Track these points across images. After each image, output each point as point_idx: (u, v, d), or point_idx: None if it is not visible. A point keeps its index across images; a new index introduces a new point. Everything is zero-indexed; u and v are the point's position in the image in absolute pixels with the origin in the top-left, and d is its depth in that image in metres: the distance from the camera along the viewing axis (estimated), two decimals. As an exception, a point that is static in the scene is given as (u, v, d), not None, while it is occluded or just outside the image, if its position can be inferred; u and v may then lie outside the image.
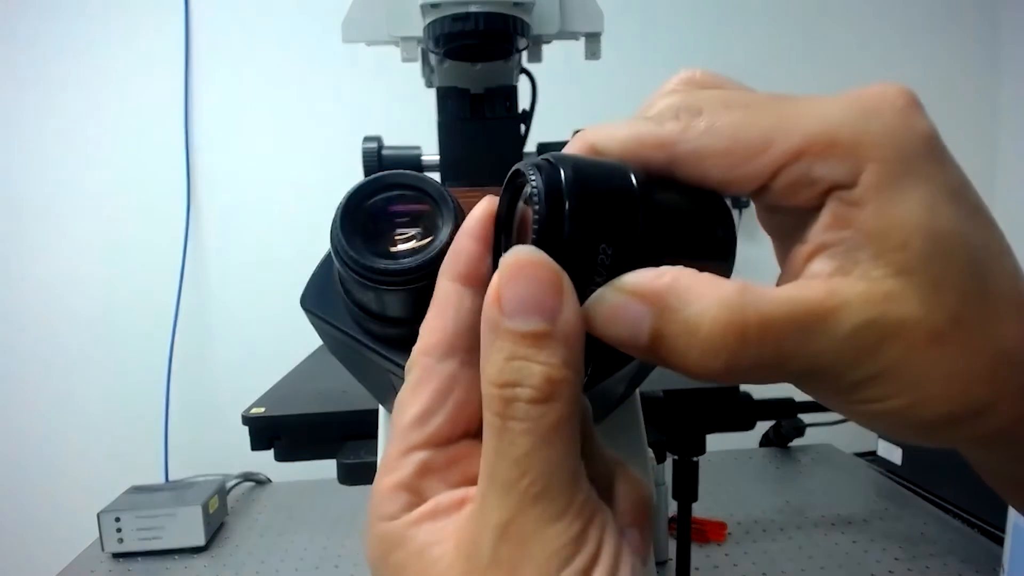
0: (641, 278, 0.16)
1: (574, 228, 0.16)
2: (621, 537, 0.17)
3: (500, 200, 0.18)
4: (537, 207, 0.16)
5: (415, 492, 0.17)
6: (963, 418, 0.17)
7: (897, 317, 0.16)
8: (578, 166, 0.17)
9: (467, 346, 0.18)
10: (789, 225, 0.18)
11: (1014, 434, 0.17)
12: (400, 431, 0.18)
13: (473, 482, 0.17)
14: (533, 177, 0.17)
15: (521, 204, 0.18)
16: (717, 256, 0.18)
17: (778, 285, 0.18)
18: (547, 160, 0.17)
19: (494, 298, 0.16)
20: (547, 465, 0.15)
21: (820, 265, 0.17)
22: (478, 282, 0.18)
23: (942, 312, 0.16)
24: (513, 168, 0.18)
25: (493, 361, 0.16)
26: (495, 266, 0.18)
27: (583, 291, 0.16)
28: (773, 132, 0.16)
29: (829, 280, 0.16)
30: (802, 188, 0.17)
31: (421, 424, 0.17)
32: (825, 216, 0.16)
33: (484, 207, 0.18)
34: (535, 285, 0.15)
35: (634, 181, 0.17)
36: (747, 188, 0.17)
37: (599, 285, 0.17)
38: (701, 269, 0.17)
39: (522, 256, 0.16)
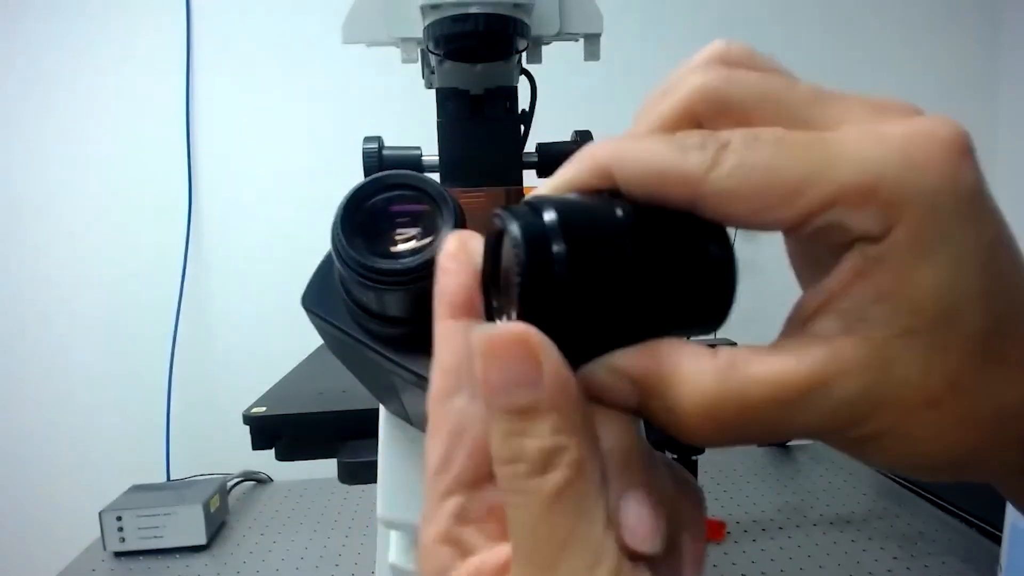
0: (625, 361, 0.16)
1: (561, 299, 0.16)
2: None
3: (485, 242, 0.18)
4: (519, 273, 0.16)
5: (457, 544, 0.17)
6: (956, 468, 0.17)
7: (894, 384, 0.15)
8: (568, 228, 0.16)
9: (472, 378, 0.17)
10: (808, 253, 0.18)
11: (1014, 474, 0.18)
12: (430, 481, 0.17)
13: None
14: (513, 231, 0.16)
15: (504, 261, 0.17)
16: (712, 309, 0.17)
17: (785, 328, 0.17)
18: (530, 214, 0.16)
19: (481, 382, 0.16)
20: (555, 538, 0.15)
21: (827, 323, 0.16)
22: (466, 312, 0.18)
23: (941, 377, 0.15)
24: (494, 213, 0.17)
25: (494, 441, 0.16)
26: (487, 293, 0.18)
27: (576, 339, 0.16)
28: (807, 177, 0.15)
29: (832, 343, 0.16)
30: (832, 233, 0.16)
31: (445, 468, 0.17)
32: (845, 266, 0.16)
33: (451, 242, 0.18)
34: (511, 362, 0.15)
35: (627, 236, 0.16)
36: (773, 229, 0.17)
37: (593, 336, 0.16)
38: (693, 324, 0.17)
39: (493, 336, 0.15)
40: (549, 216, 0.16)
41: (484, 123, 0.41)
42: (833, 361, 0.15)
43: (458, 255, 0.18)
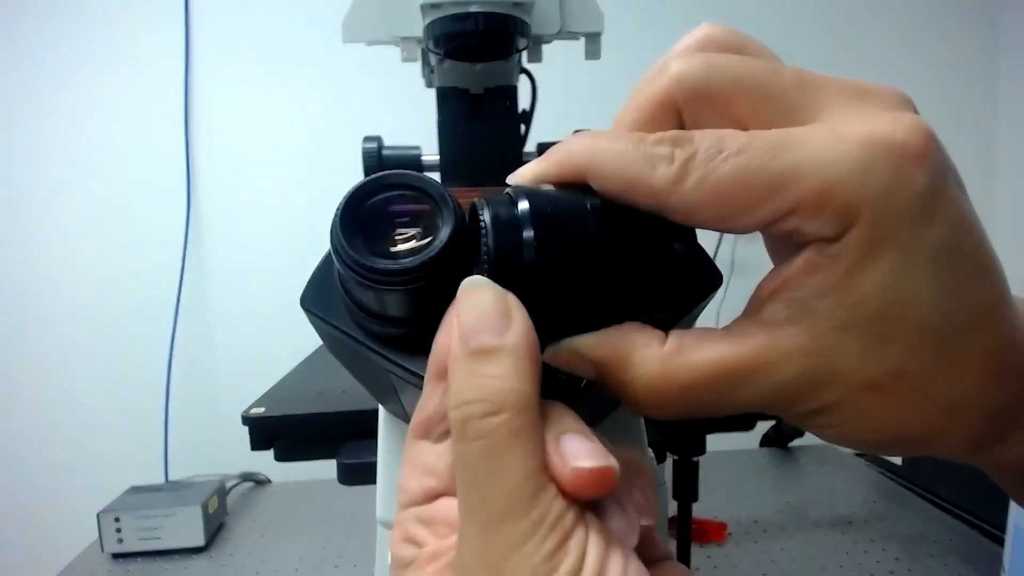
0: (585, 344, 0.18)
1: (525, 272, 0.17)
2: (613, 545, 0.16)
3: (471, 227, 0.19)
4: (486, 257, 0.18)
5: (414, 541, 0.18)
6: (904, 445, 0.18)
7: (830, 368, 0.17)
8: (539, 217, 0.18)
9: (430, 428, 0.19)
10: (775, 239, 0.19)
11: (974, 456, 0.19)
12: (397, 497, 0.20)
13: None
14: (485, 218, 0.18)
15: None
16: (669, 305, 0.19)
17: (746, 307, 0.18)
18: (504, 203, 0.18)
19: (455, 332, 0.17)
20: (506, 481, 0.15)
21: (774, 310, 0.17)
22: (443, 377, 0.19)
23: (880, 366, 0.17)
24: (473, 202, 0.19)
25: (454, 385, 0.17)
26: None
27: (542, 318, 0.18)
28: (768, 189, 0.16)
29: (774, 332, 0.17)
30: (790, 237, 0.17)
31: (405, 488, 0.19)
32: (800, 260, 0.17)
33: (458, 299, 0.19)
34: (481, 307, 0.17)
35: (594, 228, 0.18)
36: (737, 233, 0.18)
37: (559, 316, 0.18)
38: (655, 310, 0.18)
39: (467, 284, 0.18)
40: (523, 205, 0.17)
41: (484, 122, 0.41)
42: (772, 348, 0.17)
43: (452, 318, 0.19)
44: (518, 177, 0.20)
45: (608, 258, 0.18)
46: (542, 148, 0.44)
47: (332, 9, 0.44)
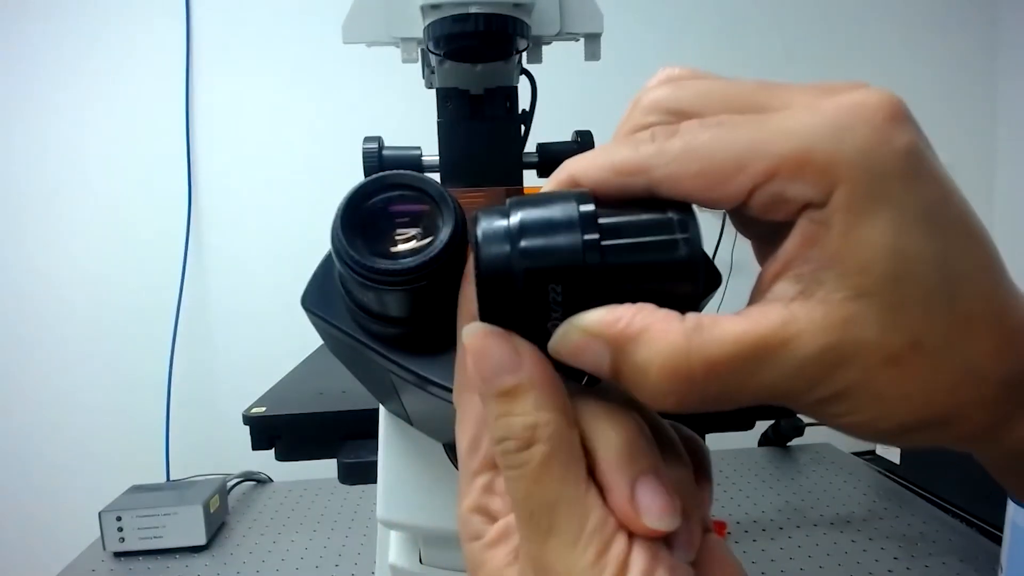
0: (595, 320, 0.17)
1: (516, 279, 0.17)
2: (656, 550, 0.17)
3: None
4: (477, 270, 0.18)
5: (486, 512, 0.19)
6: (924, 429, 0.17)
7: (853, 342, 0.16)
8: (523, 211, 0.18)
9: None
10: (765, 234, 0.19)
11: (987, 438, 0.18)
12: (462, 462, 0.20)
13: None
14: (475, 234, 0.18)
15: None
16: (680, 278, 0.18)
17: (750, 300, 0.18)
18: (492, 210, 0.18)
19: (474, 374, 0.18)
20: (545, 502, 0.17)
21: (784, 288, 0.17)
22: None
23: (901, 335, 0.16)
24: (474, 214, 0.19)
25: (490, 424, 0.18)
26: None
27: (541, 328, 0.18)
28: (747, 152, 0.17)
29: (789, 305, 0.16)
30: (777, 206, 0.17)
31: (474, 450, 0.20)
32: (796, 234, 0.17)
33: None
34: (489, 353, 0.18)
35: (578, 213, 0.17)
36: (727, 206, 0.18)
37: (557, 320, 0.18)
38: (665, 295, 0.17)
39: (468, 334, 0.18)
40: (514, 218, 0.18)
41: (484, 123, 0.41)
42: (792, 322, 0.16)
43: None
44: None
45: (604, 262, 0.17)
46: (542, 148, 0.44)
47: (332, 9, 0.44)
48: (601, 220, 0.18)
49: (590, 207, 0.18)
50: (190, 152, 1.09)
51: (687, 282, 0.18)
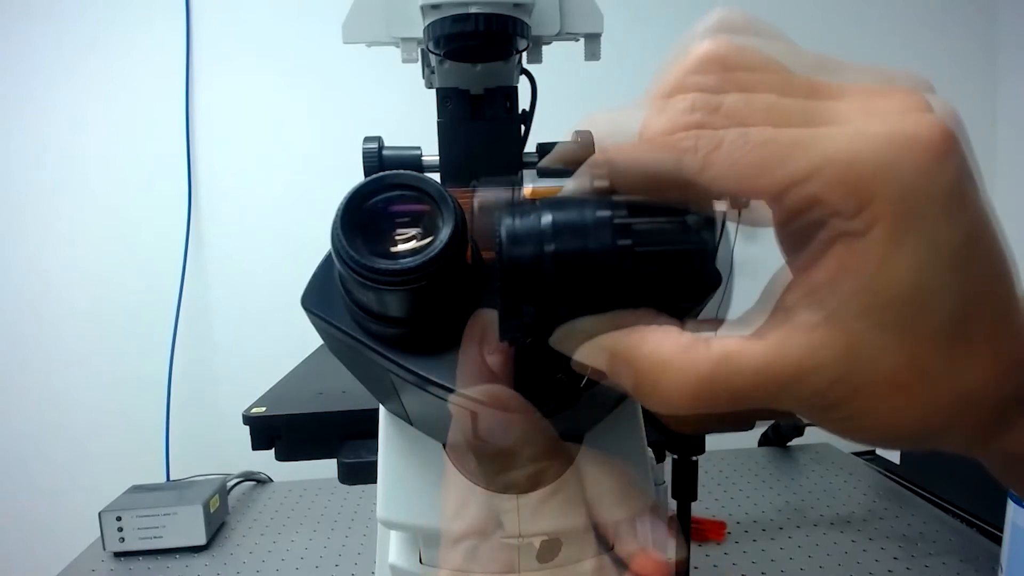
0: (613, 341, 0.18)
1: (546, 281, 0.17)
2: None
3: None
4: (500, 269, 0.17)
5: None
6: (919, 440, 0.18)
7: (868, 372, 0.17)
8: (554, 212, 0.17)
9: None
10: (798, 239, 0.19)
11: (980, 448, 0.19)
12: (445, 525, 0.20)
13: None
14: (500, 232, 0.18)
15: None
16: (701, 289, 0.18)
17: (762, 301, 0.18)
18: (525, 208, 0.18)
19: None
20: None
21: (808, 314, 0.17)
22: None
23: (909, 365, 0.17)
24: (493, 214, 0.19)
25: None
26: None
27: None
28: (794, 172, 0.16)
29: (811, 334, 0.17)
30: (813, 227, 0.17)
31: (460, 515, 0.20)
32: (829, 260, 0.17)
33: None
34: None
35: (611, 216, 0.17)
36: (760, 225, 0.18)
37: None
38: (680, 302, 0.18)
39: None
40: (545, 219, 0.17)
41: (484, 123, 0.41)
42: (814, 353, 0.17)
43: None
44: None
45: (635, 268, 0.18)
46: (542, 148, 0.44)
47: (333, 9, 0.44)
48: (635, 226, 0.18)
49: (623, 212, 0.18)
50: (190, 152, 1.09)
51: (705, 292, 0.19)
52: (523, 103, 0.43)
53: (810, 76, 0.18)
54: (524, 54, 0.42)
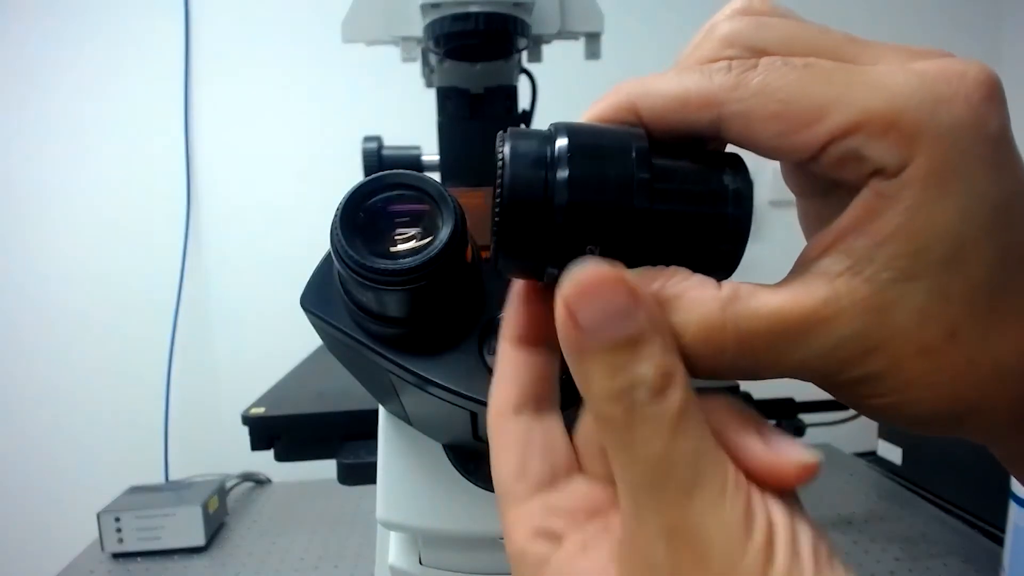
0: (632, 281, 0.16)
1: (555, 211, 0.16)
2: (787, 502, 0.16)
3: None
4: (498, 198, 0.16)
5: (550, 536, 0.17)
6: (946, 420, 0.17)
7: (891, 327, 0.15)
8: (570, 136, 0.16)
9: (535, 398, 0.18)
10: (817, 190, 0.18)
11: (1007, 433, 0.18)
12: (505, 491, 0.18)
13: (598, 515, 0.17)
14: (503, 152, 0.16)
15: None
16: (726, 236, 0.17)
17: (794, 268, 0.17)
18: (540, 132, 0.16)
19: (569, 326, 0.15)
20: (688, 455, 0.15)
21: (831, 262, 0.16)
22: (530, 343, 0.19)
23: (939, 326, 0.15)
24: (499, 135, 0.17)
25: (596, 382, 0.15)
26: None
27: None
28: (832, 101, 0.15)
29: (834, 282, 0.16)
30: (848, 164, 0.15)
31: (521, 476, 0.17)
32: (857, 204, 0.16)
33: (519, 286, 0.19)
34: (610, 297, 0.15)
35: (633, 148, 0.16)
36: (795, 157, 0.16)
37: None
38: (703, 256, 0.17)
39: (587, 276, 0.15)
40: (561, 141, 0.16)
41: (484, 122, 0.41)
42: (833, 300, 0.15)
43: (527, 292, 0.18)
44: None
45: (651, 206, 0.16)
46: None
47: (333, 9, 0.44)
48: (655, 161, 0.16)
49: (644, 144, 0.16)
50: (189, 152, 1.09)
51: (731, 241, 0.17)
52: (523, 102, 0.43)
53: (847, 34, 0.17)
54: (524, 53, 0.42)
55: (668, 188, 0.16)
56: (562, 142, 0.16)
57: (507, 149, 0.16)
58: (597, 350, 0.15)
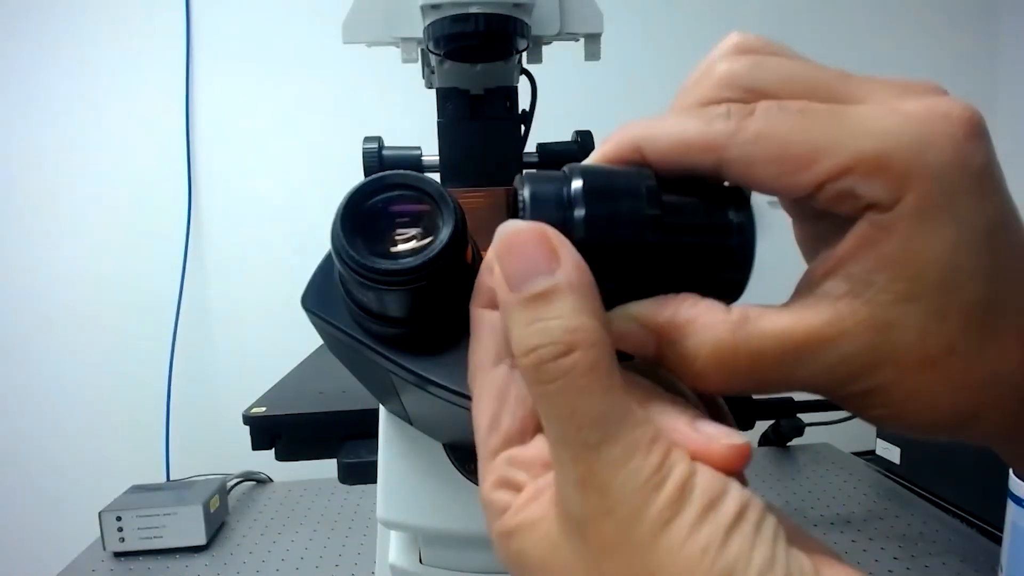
0: (644, 310, 0.18)
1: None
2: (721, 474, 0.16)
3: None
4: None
5: (511, 485, 0.18)
6: (947, 427, 0.18)
7: (893, 344, 0.16)
8: (583, 178, 0.17)
9: (510, 351, 0.18)
10: (816, 221, 0.19)
11: (1007, 437, 0.19)
12: (480, 440, 0.19)
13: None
14: (523, 195, 0.17)
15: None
16: (732, 265, 0.18)
17: (795, 292, 0.18)
18: (556, 175, 0.17)
19: (499, 280, 0.17)
20: (592, 413, 0.15)
21: (833, 285, 0.17)
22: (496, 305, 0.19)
23: (939, 340, 0.16)
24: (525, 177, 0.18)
25: (515, 335, 0.16)
26: None
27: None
28: (825, 145, 0.16)
29: (836, 303, 0.17)
30: (843, 201, 0.17)
31: (494, 428, 0.18)
32: (854, 234, 0.17)
33: (497, 243, 0.19)
34: (531, 251, 0.16)
35: (644, 188, 0.17)
36: (793, 195, 0.17)
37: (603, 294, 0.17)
38: (711, 284, 0.18)
39: (506, 229, 0.17)
40: (576, 184, 0.17)
41: (484, 123, 0.41)
42: (837, 320, 0.17)
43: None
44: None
45: (662, 232, 0.17)
46: (542, 148, 0.44)
47: (333, 9, 0.44)
48: (664, 198, 0.17)
49: (652, 183, 0.17)
50: (190, 152, 1.09)
51: (737, 269, 0.18)
52: (523, 103, 0.43)
53: (839, 71, 0.18)
54: (524, 54, 0.42)
55: (677, 223, 0.17)
56: (577, 184, 0.17)
57: (527, 192, 0.17)
58: (515, 302, 0.16)
